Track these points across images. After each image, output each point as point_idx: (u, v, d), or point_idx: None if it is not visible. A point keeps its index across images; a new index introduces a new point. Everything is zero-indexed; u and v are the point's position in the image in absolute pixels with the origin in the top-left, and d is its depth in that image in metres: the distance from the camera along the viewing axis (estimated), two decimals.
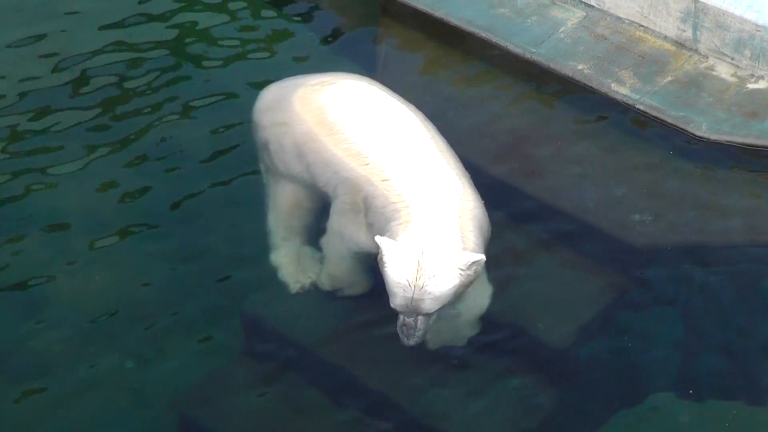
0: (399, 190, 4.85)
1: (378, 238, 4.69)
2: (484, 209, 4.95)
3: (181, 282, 5.37)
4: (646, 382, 5.01)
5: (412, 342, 4.73)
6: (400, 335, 4.74)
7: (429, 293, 4.62)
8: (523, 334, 5.12)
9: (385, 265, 4.66)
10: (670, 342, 5.14)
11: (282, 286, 5.27)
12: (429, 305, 4.65)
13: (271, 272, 5.32)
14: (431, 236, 4.67)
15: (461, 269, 4.63)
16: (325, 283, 5.27)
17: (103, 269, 5.41)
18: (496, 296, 5.08)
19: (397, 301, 4.68)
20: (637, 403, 4.95)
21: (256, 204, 5.49)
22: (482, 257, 4.68)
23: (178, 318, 5.24)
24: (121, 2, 6.80)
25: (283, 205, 5.38)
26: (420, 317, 4.69)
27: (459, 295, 4.73)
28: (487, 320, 5.05)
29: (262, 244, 5.37)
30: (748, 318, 5.20)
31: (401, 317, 4.72)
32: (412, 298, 4.63)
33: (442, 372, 5.04)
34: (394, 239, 4.70)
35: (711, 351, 5.09)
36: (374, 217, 4.90)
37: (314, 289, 5.25)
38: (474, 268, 4.67)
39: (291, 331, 5.18)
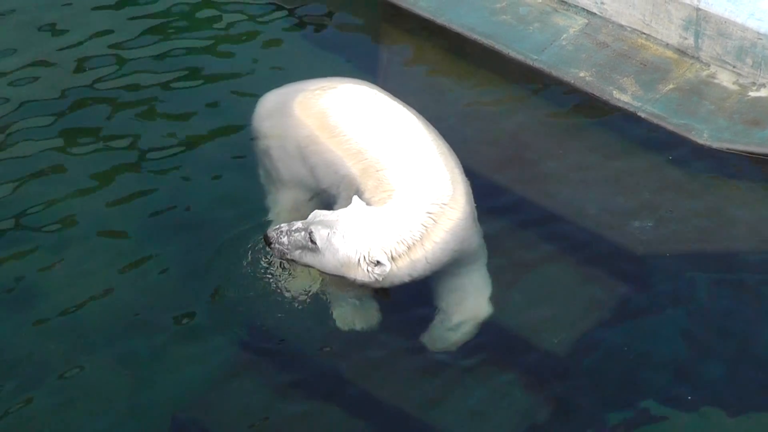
0: (389, 182, 4.93)
1: (354, 197, 4.88)
2: (472, 222, 4.99)
3: (180, 288, 5.36)
4: (645, 389, 5.00)
5: (267, 236, 4.91)
6: (270, 229, 4.94)
7: (332, 236, 4.79)
8: (523, 339, 5.11)
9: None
10: (669, 349, 5.13)
11: (284, 292, 5.26)
12: (317, 236, 4.82)
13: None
14: (387, 220, 4.83)
15: (364, 260, 4.80)
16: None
17: (101, 276, 5.40)
18: (495, 301, 5.08)
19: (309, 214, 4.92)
20: (636, 410, 4.94)
21: (256, 210, 5.49)
22: (387, 267, 4.81)
23: (177, 324, 5.24)
24: (122, 9, 6.81)
25: (283, 211, 5.39)
26: (299, 234, 4.85)
27: (344, 282, 4.92)
28: (485, 325, 5.05)
29: None
30: (748, 325, 5.19)
31: (292, 222, 4.92)
32: (316, 219, 4.85)
33: (440, 375, 5.03)
34: None
35: (711, 358, 5.08)
36: None
37: (315, 295, 5.25)
38: (376, 271, 4.82)
39: (291, 336, 5.18)
